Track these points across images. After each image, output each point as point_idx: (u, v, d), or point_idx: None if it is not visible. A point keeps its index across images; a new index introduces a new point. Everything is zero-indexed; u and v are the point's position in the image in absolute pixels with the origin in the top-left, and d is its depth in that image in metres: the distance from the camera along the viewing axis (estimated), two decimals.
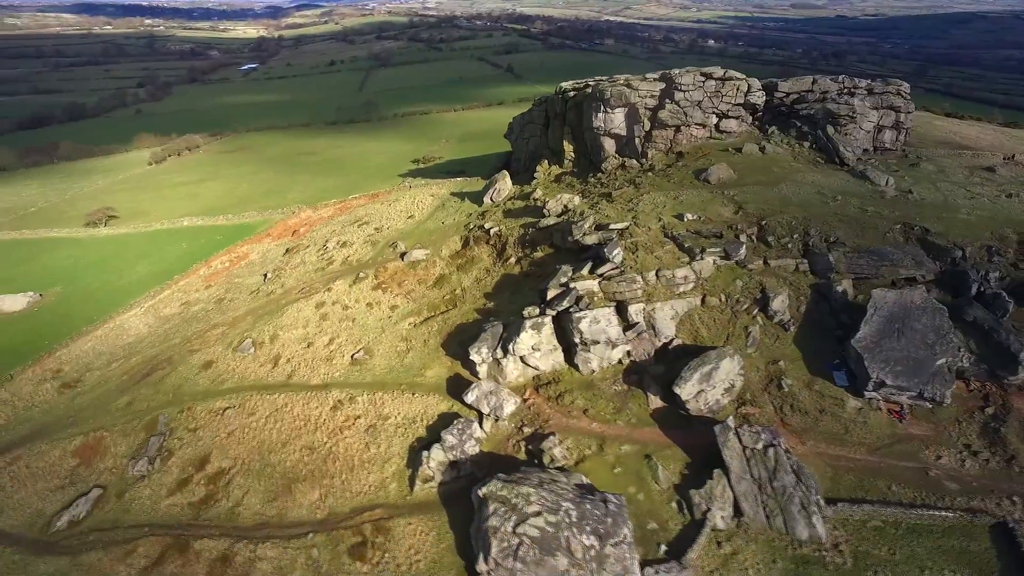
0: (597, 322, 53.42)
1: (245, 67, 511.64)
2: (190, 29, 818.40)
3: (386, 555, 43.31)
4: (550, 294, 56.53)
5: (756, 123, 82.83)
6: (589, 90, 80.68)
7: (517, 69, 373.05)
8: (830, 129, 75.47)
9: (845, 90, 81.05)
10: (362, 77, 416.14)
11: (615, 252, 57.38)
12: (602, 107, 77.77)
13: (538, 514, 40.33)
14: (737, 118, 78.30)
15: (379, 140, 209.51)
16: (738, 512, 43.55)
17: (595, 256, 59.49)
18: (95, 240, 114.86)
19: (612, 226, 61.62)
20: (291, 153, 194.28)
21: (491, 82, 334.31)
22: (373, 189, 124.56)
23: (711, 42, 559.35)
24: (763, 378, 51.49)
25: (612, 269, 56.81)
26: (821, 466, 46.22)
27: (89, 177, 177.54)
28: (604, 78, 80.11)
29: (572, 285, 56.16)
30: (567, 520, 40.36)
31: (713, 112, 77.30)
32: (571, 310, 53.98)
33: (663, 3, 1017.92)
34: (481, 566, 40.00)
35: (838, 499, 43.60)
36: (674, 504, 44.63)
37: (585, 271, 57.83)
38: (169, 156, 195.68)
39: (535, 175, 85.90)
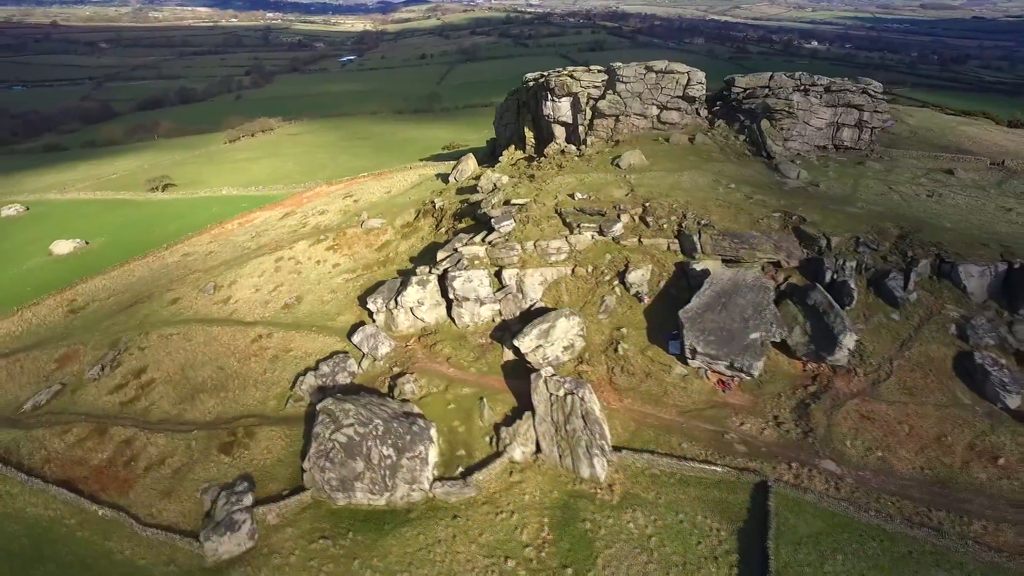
0: (470, 281, 60.03)
1: (344, 59, 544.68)
2: (305, 22, 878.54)
3: (245, 452, 52.40)
4: (440, 256, 63.69)
5: (709, 116, 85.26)
6: (543, 80, 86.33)
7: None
8: (765, 123, 77.05)
9: (801, 87, 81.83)
10: (445, 70, 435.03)
11: (504, 223, 63.64)
12: (550, 96, 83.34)
13: (350, 425, 48.05)
14: (677, 110, 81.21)
15: (431, 128, 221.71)
16: (539, 449, 49.19)
17: (492, 227, 65.87)
18: (149, 202, 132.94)
19: (514, 201, 67.68)
20: (348, 137, 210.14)
21: None
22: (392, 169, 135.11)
23: (814, 43, 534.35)
24: (605, 341, 56.26)
25: (498, 238, 63.08)
26: (626, 420, 50.85)
27: (172, 151, 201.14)
28: (559, 70, 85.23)
29: (460, 249, 63.00)
30: (374, 433, 47.81)
31: (653, 103, 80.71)
32: (449, 270, 60.89)
33: (775, 2, 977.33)
34: (305, 464, 48.47)
35: (624, 447, 48.24)
36: (487, 438, 50.84)
37: (478, 238, 64.48)
38: (243, 136, 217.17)
39: (499, 159, 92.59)
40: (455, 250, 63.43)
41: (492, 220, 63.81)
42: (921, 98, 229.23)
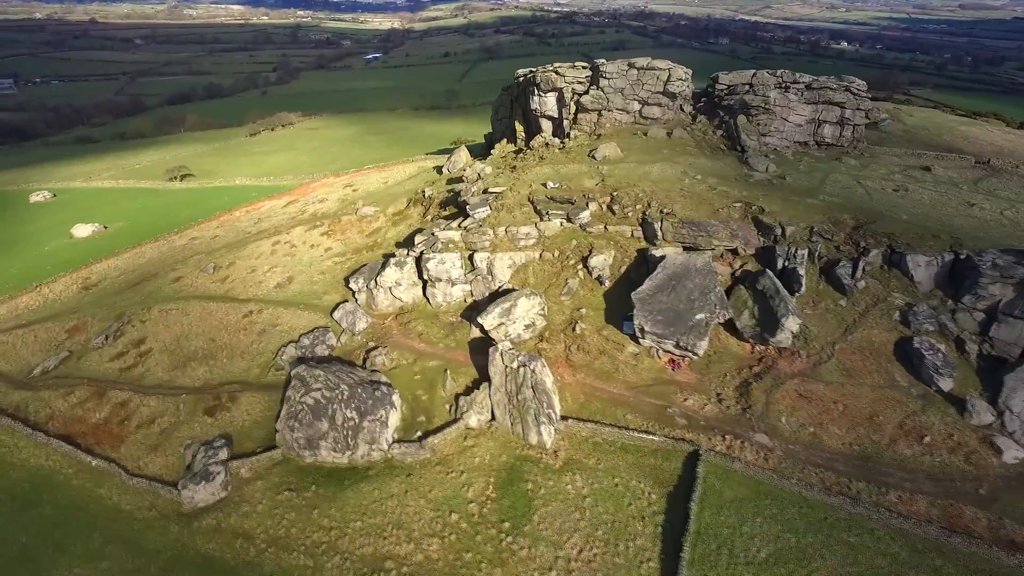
0: (443, 263, 63.74)
1: (369, 56, 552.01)
2: (335, 20, 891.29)
3: (227, 414, 56.91)
4: (417, 239, 67.51)
5: (693, 111, 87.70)
6: (531, 76, 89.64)
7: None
8: (741, 118, 79.31)
9: (782, 84, 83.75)
10: (467, 68, 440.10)
11: (479, 210, 67.25)
12: (536, 91, 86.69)
13: (318, 389, 52.15)
14: (658, 105, 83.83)
15: (445, 124, 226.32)
16: (493, 417, 52.74)
17: (468, 213, 69.49)
18: (167, 191, 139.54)
19: (492, 190, 71.22)
20: (364, 132, 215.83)
21: None
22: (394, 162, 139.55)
23: (843, 44, 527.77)
24: (565, 321, 59.53)
25: (473, 223, 66.71)
26: (577, 393, 54.10)
27: (194, 144, 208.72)
28: (546, 66, 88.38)
29: (437, 233, 66.79)
30: (340, 397, 51.83)
31: (635, 99, 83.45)
32: (424, 252, 64.68)
33: (808, 2, 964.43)
34: (278, 424, 52.74)
35: (571, 416, 51.52)
36: (448, 406, 54.55)
37: (455, 224, 68.18)
38: (262, 131, 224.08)
39: (491, 151, 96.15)
40: (432, 234, 67.21)
41: (468, 207, 67.42)
42: (944, 100, 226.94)
